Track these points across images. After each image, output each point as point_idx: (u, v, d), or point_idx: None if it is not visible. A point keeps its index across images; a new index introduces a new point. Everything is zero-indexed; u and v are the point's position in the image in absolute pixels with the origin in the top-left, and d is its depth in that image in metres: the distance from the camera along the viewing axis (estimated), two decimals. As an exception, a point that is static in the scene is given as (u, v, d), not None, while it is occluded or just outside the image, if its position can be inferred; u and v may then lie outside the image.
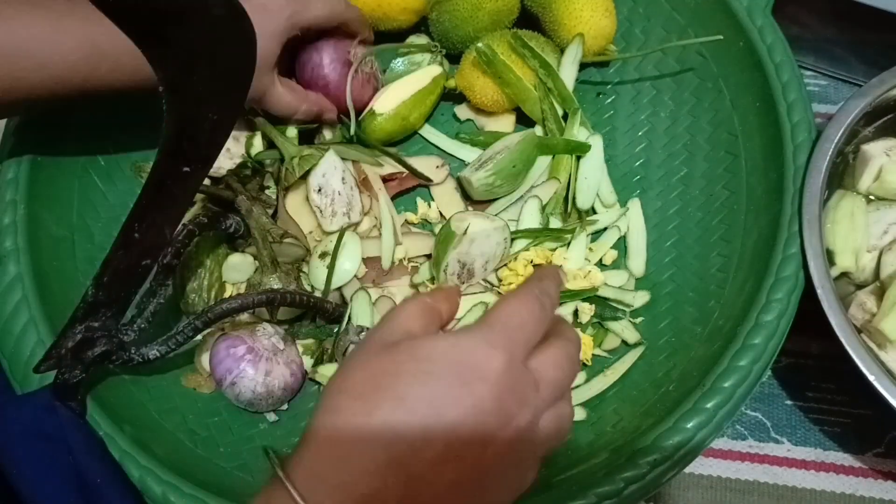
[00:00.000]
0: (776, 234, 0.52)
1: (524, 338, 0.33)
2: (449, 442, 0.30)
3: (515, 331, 0.33)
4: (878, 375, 0.47)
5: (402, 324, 0.34)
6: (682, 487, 0.56)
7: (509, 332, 0.33)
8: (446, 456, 0.30)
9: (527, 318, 0.34)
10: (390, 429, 0.29)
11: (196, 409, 0.54)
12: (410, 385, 0.30)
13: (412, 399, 0.30)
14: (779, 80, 0.56)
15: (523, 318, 0.34)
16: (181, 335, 0.50)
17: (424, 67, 0.66)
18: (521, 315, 0.34)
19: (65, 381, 0.47)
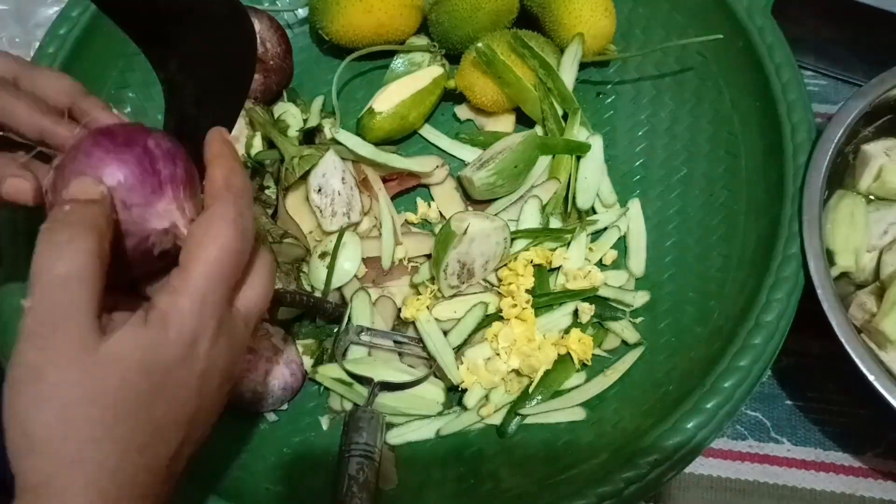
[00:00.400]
0: (776, 234, 0.52)
1: (230, 286, 0.34)
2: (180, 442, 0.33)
3: (225, 284, 0.33)
4: (878, 375, 0.47)
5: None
6: (682, 487, 0.56)
7: (218, 291, 0.33)
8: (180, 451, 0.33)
9: (228, 270, 0.33)
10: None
11: (196, 410, 0.54)
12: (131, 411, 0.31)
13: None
14: (779, 79, 0.56)
15: (232, 263, 0.34)
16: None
17: (425, 68, 0.66)
18: (230, 258, 0.33)
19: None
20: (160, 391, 0.32)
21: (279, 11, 0.70)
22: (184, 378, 0.33)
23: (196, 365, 0.33)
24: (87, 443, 0.29)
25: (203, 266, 0.33)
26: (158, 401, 0.31)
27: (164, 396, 0.32)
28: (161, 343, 0.32)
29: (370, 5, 0.63)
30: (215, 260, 0.33)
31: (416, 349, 0.56)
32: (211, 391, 0.34)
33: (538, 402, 0.54)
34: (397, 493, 0.52)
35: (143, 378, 0.31)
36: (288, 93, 0.67)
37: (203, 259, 0.33)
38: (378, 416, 0.52)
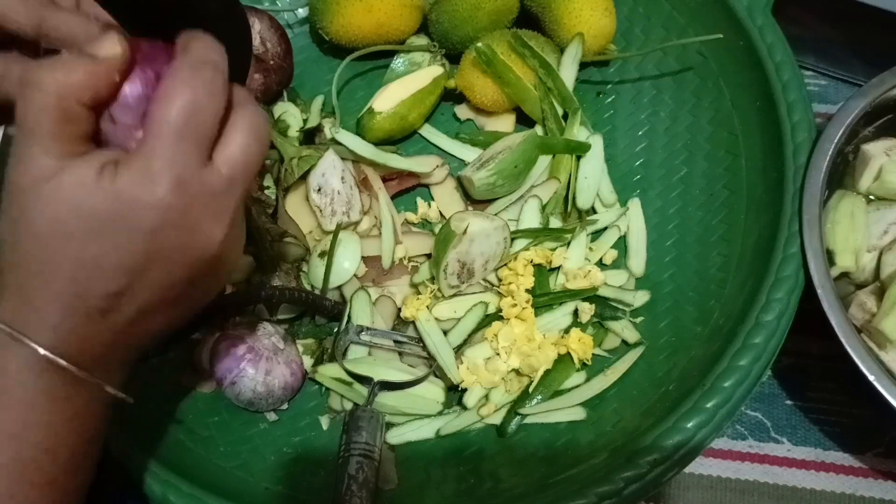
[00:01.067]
0: (776, 234, 0.52)
1: (196, 141, 0.33)
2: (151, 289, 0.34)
3: (184, 140, 0.33)
4: (878, 375, 0.47)
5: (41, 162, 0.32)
6: (682, 487, 0.56)
7: (176, 148, 0.32)
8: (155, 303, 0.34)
9: (196, 113, 0.33)
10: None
11: (196, 409, 0.54)
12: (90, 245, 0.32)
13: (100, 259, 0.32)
14: (779, 79, 0.56)
15: (191, 117, 0.33)
16: (180, 332, 0.50)
17: (425, 68, 0.66)
18: (189, 112, 0.33)
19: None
20: (95, 233, 0.32)
21: (279, 11, 0.70)
22: (124, 227, 0.33)
23: (143, 219, 0.33)
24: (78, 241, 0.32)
25: (157, 122, 0.33)
26: (91, 242, 0.32)
27: (99, 239, 0.32)
28: (100, 190, 0.32)
29: (370, 5, 0.63)
30: (170, 115, 0.33)
31: (416, 349, 0.56)
32: (172, 247, 0.34)
33: (538, 402, 0.54)
34: (397, 492, 0.52)
35: (74, 217, 0.32)
36: (288, 93, 0.67)
37: (158, 116, 0.33)
38: (378, 415, 0.52)
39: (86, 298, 0.32)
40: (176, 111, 0.32)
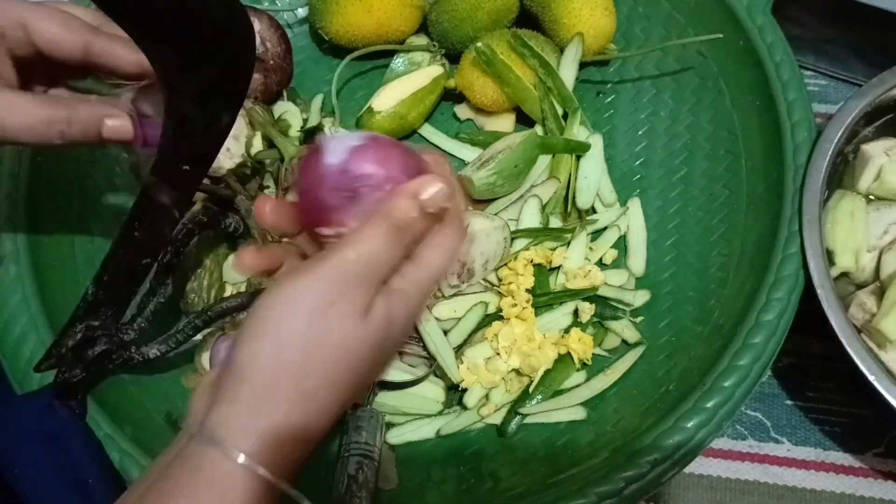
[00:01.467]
0: (776, 234, 0.52)
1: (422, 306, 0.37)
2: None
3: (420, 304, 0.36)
4: (878, 375, 0.47)
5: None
6: (682, 487, 0.56)
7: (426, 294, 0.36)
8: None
9: (433, 288, 0.37)
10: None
11: (196, 409, 0.54)
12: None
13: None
14: (779, 79, 0.56)
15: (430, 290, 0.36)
16: (181, 334, 0.50)
17: (425, 67, 0.66)
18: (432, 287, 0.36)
19: (65, 380, 0.47)
20: (371, 360, 0.35)
21: (279, 11, 0.70)
22: (380, 359, 0.36)
23: (386, 350, 0.36)
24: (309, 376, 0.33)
25: (428, 267, 0.36)
26: (366, 364, 0.34)
27: (371, 363, 0.35)
28: (390, 322, 0.35)
29: (370, 5, 0.63)
30: (435, 265, 0.36)
31: (416, 348, 0.56)
32: (379, 372, 0.38)
33: (538, 402, 0.54)
34: (397, 492, 0.52)
35: (375, 350, 0.34)
36: (288, 92, 0.67)
37: (432, 261, 0.36)
38: (378, 415, 0.52)
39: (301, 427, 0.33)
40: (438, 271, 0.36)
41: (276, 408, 0.32)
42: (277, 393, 0.32)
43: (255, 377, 0.32)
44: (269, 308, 0.33)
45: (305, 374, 0.33)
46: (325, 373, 0.33)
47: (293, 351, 0.32)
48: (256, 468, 0.31)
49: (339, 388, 0.34)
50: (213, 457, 0.31)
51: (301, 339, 0.33)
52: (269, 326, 0.33)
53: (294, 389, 0.32)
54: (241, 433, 0.32)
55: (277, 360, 0.32)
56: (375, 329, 0.34)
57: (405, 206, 0.35)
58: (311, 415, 0.33)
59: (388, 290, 0.35)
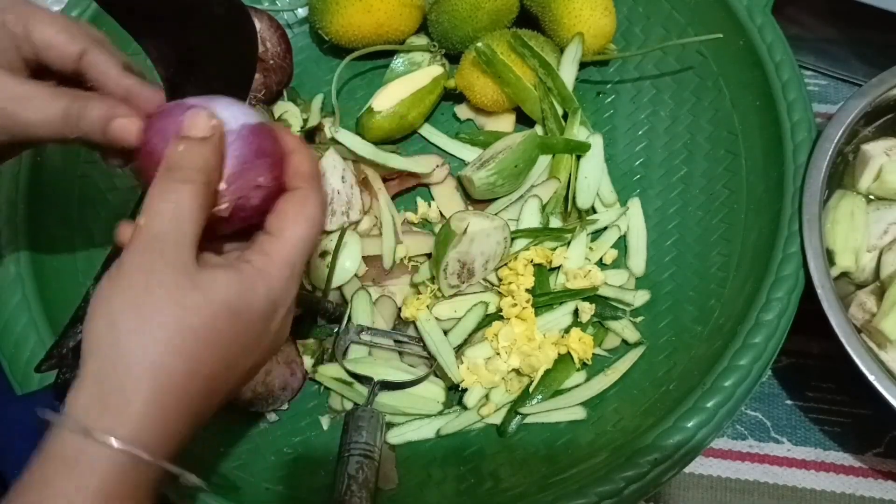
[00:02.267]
0: (776, 233, 0.52)
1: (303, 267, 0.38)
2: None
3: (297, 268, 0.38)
4: (878, 375, 0.47)
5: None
6: (682, 487, 0.56)
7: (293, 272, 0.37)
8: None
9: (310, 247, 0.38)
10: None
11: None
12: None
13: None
14: (779, 78, 0.56)
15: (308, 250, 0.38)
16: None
17: (425, 67, 0.66)
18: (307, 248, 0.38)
19: (66, 381, 0.47)
20: (238, 336, 0.35)
21: (279, 11, 0.70)
22: (259, 331, 0.36)
23: (272, 324, 0.37)
24: (163, 356, 0.33)
25: (296, 238, 0.37)
26: (234, 343, 0.35)
27: (239, 341, 0.35)
28: (251, 295, 0.35)
29: (370, 5, 0.63)
30: (305, 236, 0.37)
31: (416, 348, 0.56)
32: (270, 350, 0.38)
33: (538, 402, 0.54)
34: (397, 492, 0.52)
35: (227, 320, 0.34)
36: (288, 92, 0.67)
37: (296, 232, 0.37)
38: (378, 415, 0.52)
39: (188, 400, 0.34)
40: (308, 233, 0.37)
41: (123, 387, 0.32)
42: (120, 371, 0.32)
43: (95, 357, 0.33)
44: (98, 291, 0.34)
45: (141, 351, 0.33)
46: (165, 342, 0.33)
47: (124, 330, 0.33)
48: (134, 451, 0.31)
49: (189, 359, 0.33)
50: (83, 448, 0.31)
51: (128, 318, 0.33)
52: (100, 308, 0.33)
53: (134, 367, 0.32)
54: (114, 421, 0.32)
55: (112, 340, 0.33)
56: (222, 299, 0.34)
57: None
58: (165, 391, 0.33)
59: (239, 263, 0.35)
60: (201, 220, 0.35)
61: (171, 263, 0.33)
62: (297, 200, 0.38)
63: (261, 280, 0.36)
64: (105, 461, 0.31)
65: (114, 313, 0.33)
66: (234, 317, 0.34)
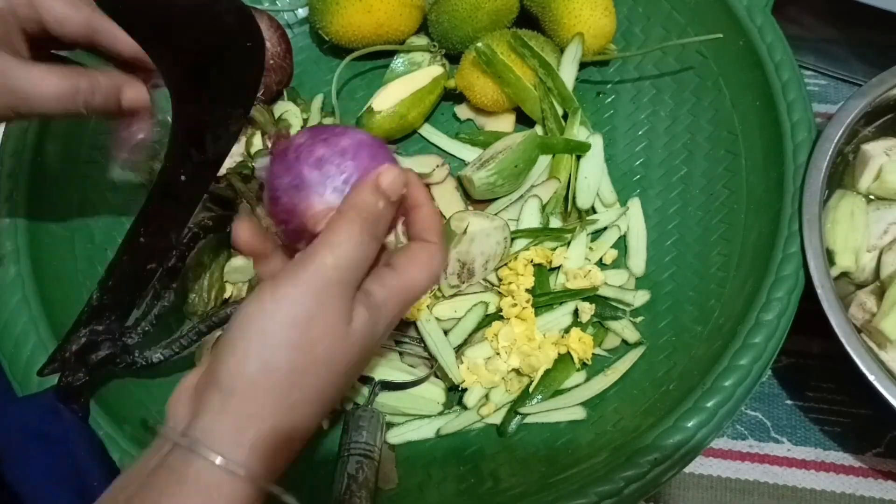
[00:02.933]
0: (776, 233, 0.52)
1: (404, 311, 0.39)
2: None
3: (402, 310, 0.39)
4: (878, 375, 0.47)
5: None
6: (682, 487, 0.56)
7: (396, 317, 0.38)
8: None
9: (416, 297, 0.39)
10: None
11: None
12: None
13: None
14: (779, 78, 0.56)
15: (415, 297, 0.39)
16: (185, 339, 0.50)
17: (425, 67, 0.66)
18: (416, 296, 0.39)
19: (68, 383, 0.47)
20: (353, 364, 0.36)
21: (279, 11, 0.70)
22: (360, 366, 0.37)
23: (365, 357, 0.37)
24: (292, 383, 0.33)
25: (417, 281, 0.38)
26: (346, 370, 0.36)
27: (351, 368, 0.36)
28: (372, 333, 0.36)
29: (370, 5, 0.63)
30: (424, 284, 0.38)
31: (416, 349, 0.56)
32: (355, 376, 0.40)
33: (538, 402, 0.54)
34: (397, 492, 0.52)
35: (359, 352, 0.35)
36: (288, 92, 0.67)
37: (420, 276, 0.38)
38: (378, 415, 0.52)
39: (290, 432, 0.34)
40: (422, 283, 0.38)
41: (264, 420, 0.33)
42: (264, 405, 0.33)
43: (242, 389, 0.33)
44: (252, 319, 0.33)
45: (292, 386, 0.33)
46: (310, 385, 0.34)
47: (279, 363, 0.33)
48: (245, 477, 0.32)
49: (325, 398, 0.35)
50: (199, 467, 0.32)
51: (286, 351, 0.33)
52: (253, 338, 0.33)
53: (281, 401, 0.33)
54: (229, 444, 0.32)
55: (264, 373, 0.33)
56: (359, 338, 0.35)
57: (370, 197, 0.35)
58: (297, 424, 0.34)
59: (367, 297, 0.36)
60: (366, 270, 0.36)
61: (337, 308, 0.34)
62: (428, 251, 0.39)
63: (380, 317, 0.36)
64: (229, 489, 0.32)
65: (269, 347, 0.33)
66: (361, 352, 0.36)
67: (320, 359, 0.34)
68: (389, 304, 0.37)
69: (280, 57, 0.65)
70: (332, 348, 0.34)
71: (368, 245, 0.35)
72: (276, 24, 0.66)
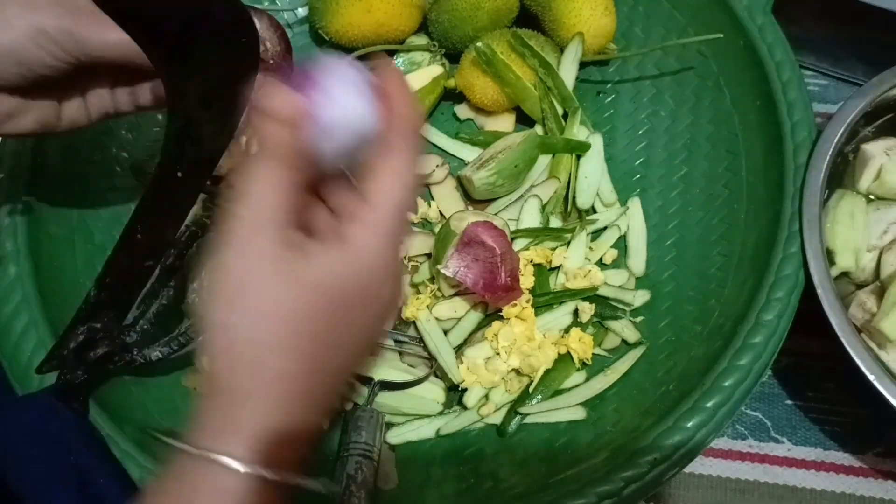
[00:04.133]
0: (776, 233, 0.52)
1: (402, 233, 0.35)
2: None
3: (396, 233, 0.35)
4: (878, 375, 0.47)
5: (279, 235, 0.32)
6: (682, 487, 0.56)
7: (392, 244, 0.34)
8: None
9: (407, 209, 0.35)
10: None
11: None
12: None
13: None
14: (779, 78, 0.56)
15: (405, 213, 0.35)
16: (183, 337, 0.50)
17: (425, 67, 0.66)
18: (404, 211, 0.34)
19: (67, 382, 0.47)
20: (343, 316, 0.33)
21: (279, 11, 0.70)
22: (366, 308, 0.34)
23: (378, 301, 0.35)
24: (272, 352, 0.31)
25: (389, 203, 0.34)
26: (340, 325, 0.33)
27: (346, 321, 0.33)
28: (352, 273, 0.33)
29: (370, 5, 0.63)
30: (400, 199, 0.34)
31: (416, 349, 0.56)
32: (380, 326, 0.36)
33: (538, 402, 0.54)
34: (397, 492, 0.52)
35: (331, 303, 0.32)
36: (288, 92, 0.67)
37: (389, 196, 0.34)
38: (378, 415, 0.52)
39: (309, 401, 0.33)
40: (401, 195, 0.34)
41: (267, 409, 0.31)
42: (262, 397, 0.31)
43: (213, 368, 0.32)
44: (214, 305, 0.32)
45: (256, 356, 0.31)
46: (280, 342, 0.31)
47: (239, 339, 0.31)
48: (258, 472, 0.30)
49: (306, 358, 0.32)
50: (208, 473, 0.30)
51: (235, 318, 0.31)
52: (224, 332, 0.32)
53: (280, 381, 0.31)
54: (235, 443, 0.31)
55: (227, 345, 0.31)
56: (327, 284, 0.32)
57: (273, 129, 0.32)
58: (288, 397, 0.32)
59: (341, 238, 0.33)
60: (292, 200, 0.33)
61: (263, 253, 0.31)
62: (390, 157, 0.34)
63: (361, 256, 0.33)
64: (231, 485, 0.30)
65: (222, 321, 0.32)
66: (335, 300, 0.33)
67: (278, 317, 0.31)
68: (370, 237, 0.33)
69: (280, 57, 0.65)
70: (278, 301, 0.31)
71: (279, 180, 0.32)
72: (275, 24, 0.66)
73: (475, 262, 0.53)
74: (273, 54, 0.65)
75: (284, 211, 0.32)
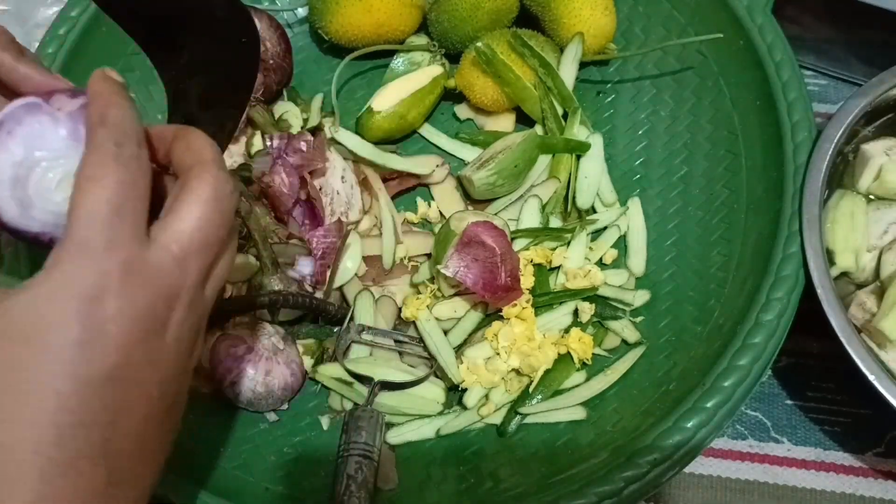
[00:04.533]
0: (776, 233, 0.52)
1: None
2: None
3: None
4: (878, 375, 0.47)
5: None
6: (682, 487, 0.56)
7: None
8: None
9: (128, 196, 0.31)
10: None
11: (196, 409, 0.54)
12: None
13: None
14: (779, 78, 0.56)
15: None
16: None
17: (425, 67, 0.66)
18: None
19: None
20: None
21: (279, 11, 0.70)
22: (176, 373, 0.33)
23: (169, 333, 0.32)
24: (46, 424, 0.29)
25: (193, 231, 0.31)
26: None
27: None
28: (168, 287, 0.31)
29: (370, 5, 0.63)
30: (202, 224, 0.31)
31: (416, 348, 0.56)
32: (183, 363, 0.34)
33: (538, 402, 0.54)
34: (397, 492, 0.52)
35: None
36: (288, 92, 0.67)
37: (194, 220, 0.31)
38: (378, 415, 0.52)
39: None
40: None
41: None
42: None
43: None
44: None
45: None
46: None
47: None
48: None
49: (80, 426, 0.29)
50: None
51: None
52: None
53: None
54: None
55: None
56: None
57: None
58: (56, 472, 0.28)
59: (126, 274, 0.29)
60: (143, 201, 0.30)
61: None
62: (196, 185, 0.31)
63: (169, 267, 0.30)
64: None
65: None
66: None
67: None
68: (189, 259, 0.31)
69: (280, 57, 0.65)
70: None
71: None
72: (275, 24, 0.66)
73: (475, 262, 0.53)
74: (273, 54, 0.65)
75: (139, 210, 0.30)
